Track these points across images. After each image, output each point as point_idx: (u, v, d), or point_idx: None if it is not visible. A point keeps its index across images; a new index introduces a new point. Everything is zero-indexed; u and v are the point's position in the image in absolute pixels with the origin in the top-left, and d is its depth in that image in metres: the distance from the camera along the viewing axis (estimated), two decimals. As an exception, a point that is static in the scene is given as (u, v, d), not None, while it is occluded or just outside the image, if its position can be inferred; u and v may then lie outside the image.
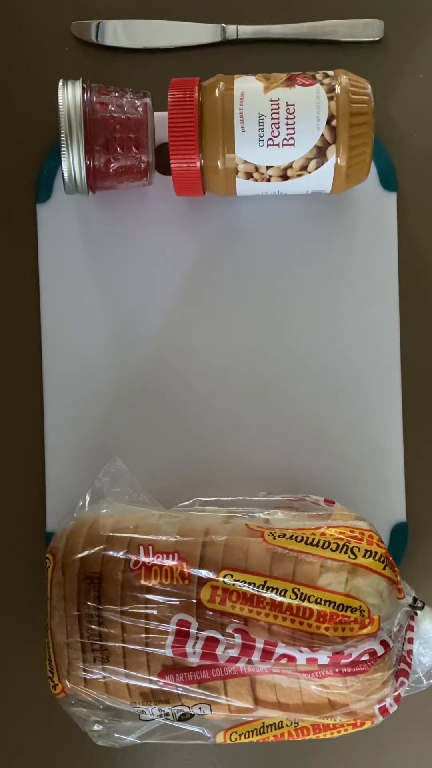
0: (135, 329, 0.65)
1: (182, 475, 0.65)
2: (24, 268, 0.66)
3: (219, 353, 0.65)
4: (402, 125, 0.66)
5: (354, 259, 0.65)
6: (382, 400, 0.65)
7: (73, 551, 0.58)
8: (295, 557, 0.56)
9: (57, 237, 0.65)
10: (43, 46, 0.66)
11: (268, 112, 0.58)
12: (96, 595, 0.57)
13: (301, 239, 0.65)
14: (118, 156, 0.60)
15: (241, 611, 0.55)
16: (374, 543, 0.56)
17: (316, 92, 0.58)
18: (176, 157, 0.59)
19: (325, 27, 0.66)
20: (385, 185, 0.65)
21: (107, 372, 0.65)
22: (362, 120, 0.58)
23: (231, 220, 0.65)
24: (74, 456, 0.65)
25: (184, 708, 0.58)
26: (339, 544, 0.56)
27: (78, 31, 0.66)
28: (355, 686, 0.54)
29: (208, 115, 0.59)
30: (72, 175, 0.60)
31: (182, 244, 0.65)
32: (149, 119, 0.61)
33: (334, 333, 0.65)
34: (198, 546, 0.57)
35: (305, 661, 0.54)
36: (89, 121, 0.59)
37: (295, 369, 0.65)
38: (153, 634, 0.56)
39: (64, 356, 0.65)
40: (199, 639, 0.55)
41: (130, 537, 0.58)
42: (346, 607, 0.54)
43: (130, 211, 0.65)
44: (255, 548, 0.56)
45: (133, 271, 0.65)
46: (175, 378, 0.65)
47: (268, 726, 0.58)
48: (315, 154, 0.59)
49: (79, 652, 0.57)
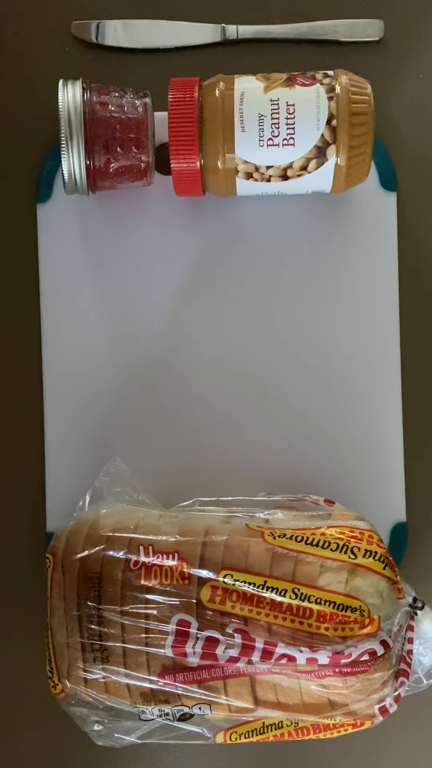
0: (135, 329, 0.65)
1: (182, 475, 0.65)
2: (24, 268, 0.66)
3: (219, 353, 0.65)
4: (402, 125, 0.66)
5: (354, 259, 0.65)
6: (382, 400, 0.65)
7: (73, 551, 0.58)
8: (295, 557, 0.56)
9: (57, 237, 0.65)
10: (43, 46, 0.66)
11: (268, 112, 0.58)
12: (96, 595, 0.57)
13: (301, 239, 0.65)
14: (118, 156, 0.60)
15: (241, 611, 0.55)
16: (374, 543, 0.56)
17: (316, 92, 0.58)
18: (176, 157, 0.59)
19: (325, 27, 0.66)
20: (385, 185, 0.65)
21: (107, 372, 0.65)
22: (362, 120, 0.58)
23: (231, 220, 0.65)
24: (74, 456, 0.65)
25: (184, 708, 0.58)
26: (339, 544, 0.56)
27: (78, 31, 0.66)
28: (355, 686, 0.54)
29: (208, 115, 0.59)
30: (72, 175, 0.60)
31: (182, 244, 0.65)
32: (149, 119, 0.61)
33: (334, 333, 0.65)
34: (198, 546, 0.57)
35: (305, 661, 0.54)
36: (89, 121, 0.59)
37: (295, 369, 0.65)
38: (153, 634, 0.56)
39: (64, 356, 0.65)
40: (199, 639, 0.55)
41: (130, 537, 0.58)
42: (346, 607, 0.54)
43: (130, 211, 0.65)
44: (255, 548, 0.56)
45: (133, 271, 0.65)
46: (175, 378, 0.65)
47: (268, 726, 0.58)
48: (315, 154, 0.59)
49: (79, 652, 0.57)
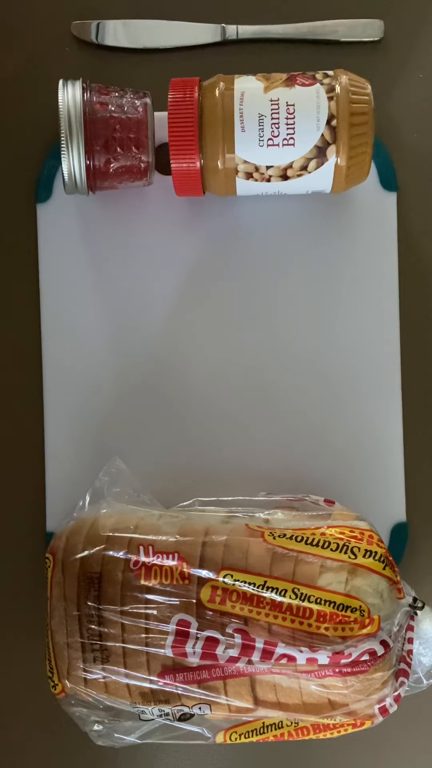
0: (135, 329, 0.65)
1: (182, 475, 0.65)
2: (24, 268, 0.66)
3: (219, 353, 0.65)
4: (402, 125, 0.66)
5: (354, 259, 0.65)
6: (382, 400, 0.65)
7: (73, 551, 0.58)
8: (295, 557, 0.56)
9: (57, 237, 0.65)
10: (43, 46, 0.66)
11: (268, 112, 0.58)
12: (96, 595, 0.57)
13: (301, 239, 0.65)
14: (118, 156, 0.60)
15: (241, 611, 0.55)
16: (374, 543, 0.56)
17: (316, 92, 0.58)
18: (176, 157, 0.59)
19: (325, 27, 0.66)
20: (385, 185, 0.65)
21: (107, 372, 0.65)
22: (362, 120, 0.58)
23: (231, 220, 0.65)
24: (74, 456, 0.65)
25: (184, 708, 0.58)
26: (339, 544, 0.56)
27: (78, 31, 0.66)
28: (355, 686, 0.54)
29: (208, 115, 0.59)
30: (72, 175, 0.60)
31: (182, 244, 0.65)
32: (149, 119, 0.61)
33: (334, 333, 0.65)
34: (198, 546, 0.57)
35: (305, 661, 0.54)
36: (89, 121, 0.59)
37: (295, 368, 0.65)
38: (153, 634, 0.56)
39: (64, 356, 0.65)
40: (199, 639, 0.55)
41: (130, 537, 0.58)
42: (346, 607, 0.54)
43: (130, 211, 0.65)
44: (255, 548, 0.56)
45: (133, 271, 0.65)
46: (175, 378, 0.65)
47: (268, 726, 0.58)
48: (315, 154, 0.59)
49: (79, 652, 0.57)
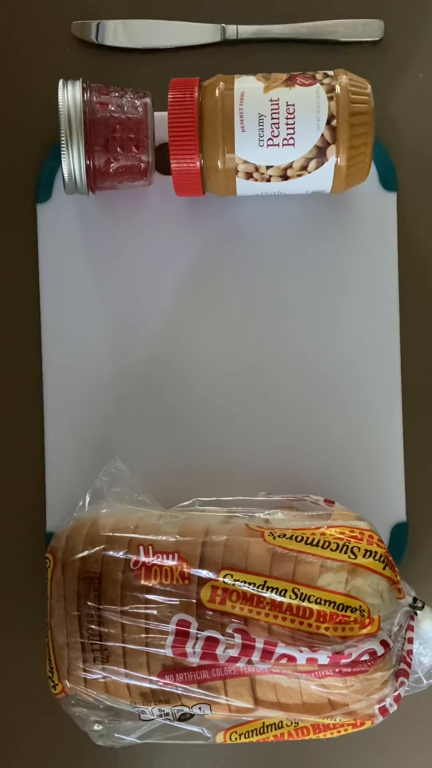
0: (135, 329, 0.65)
1: (182, 475, 0.65)
2: (24, 268, 0.66)
3: (219, 353, 0.65)
4: (402, 125, 0.66)
5: (354, 259, 0.65)
6: (382, 400, 0.65)
7: (73, 551, 0.58)
8: (295, 557, 0.56)
9: (57, 237, 0.65)
10: (43, 46, 0.66)
11: (268, 112, 0.58)
12: (96, 595, 0.57)
13: (301, 239, 0.65)
14: (118, 156, 0.60)
15: (241, 611, 0.55)
16: (374, 543, 0.56)
17: (316, 92, 0.58)
18: (176, 157, 0.59)
19: (325, 27, 0.66)
20: (385, 185, 0.65)
21: (107, 372, 0.65)
22: (362, 120, 0.58)
23: (231, 220, 0.65)
24: (74, 456, 0.65)
25: (184, 708, 0.58)
26: (339, 544, 0.56)
27: (78, 31, 0.66)
28: (355, 686, 0.54)
29: (208, 115, 0.59)
30: (72, 175, 0.60)
31: (182, 244, 0.65)
32: (149, 119, 0.61)
33: (334, 332, 0.65)
34: (198, 546, 0.57)
35: (305, 661, 0.54)
36: (89, 121, 0.59)
37: (294, 369, 0.65)
38: (153, 634, 0.56)
39: (64, 356, 0.65)
40: (199, 639, 0.55)
41: (130, 537, 0.58)
42: (346, 607, 0.54)
43: (130, 211, 0.65)
44: (255, 548, 0.56)
45: (133, 271, 0.65)
46: (175, 378, 0.65)
47: (268, 726, 0.58)
48: (315, 154, 0.59)
49: (79, 652, 0.57)
